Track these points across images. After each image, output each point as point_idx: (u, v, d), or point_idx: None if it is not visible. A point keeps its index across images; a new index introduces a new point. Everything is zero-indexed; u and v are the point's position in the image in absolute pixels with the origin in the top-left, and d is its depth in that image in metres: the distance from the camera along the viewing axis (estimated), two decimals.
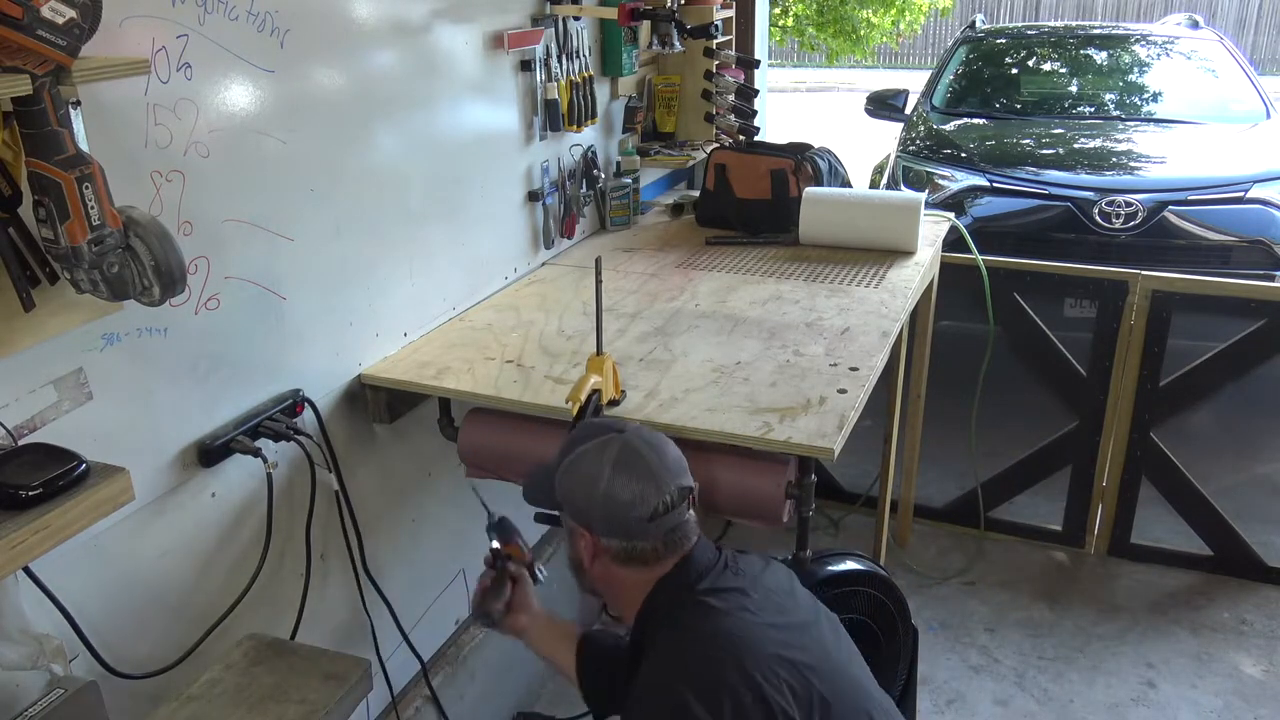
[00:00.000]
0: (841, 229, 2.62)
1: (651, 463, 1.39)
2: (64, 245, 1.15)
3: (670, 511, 1.39)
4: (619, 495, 1.37)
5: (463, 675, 2.30)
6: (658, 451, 1.42)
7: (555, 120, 2.38)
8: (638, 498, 1.37)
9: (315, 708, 1.37)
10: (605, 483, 1.38)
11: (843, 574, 1.94)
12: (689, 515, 1.43)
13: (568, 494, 1.44)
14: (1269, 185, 3.90)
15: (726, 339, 2.03)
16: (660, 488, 1.38)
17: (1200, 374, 2.99)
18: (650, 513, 1.37)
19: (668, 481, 1.39)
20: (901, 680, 2.10)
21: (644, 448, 1.41)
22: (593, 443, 1.42)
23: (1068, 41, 5.57)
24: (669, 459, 1.42)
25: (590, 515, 1.41)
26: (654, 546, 1.40)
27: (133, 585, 1.45)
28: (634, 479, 1.38)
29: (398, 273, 1.96)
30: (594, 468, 1.39)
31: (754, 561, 1.49)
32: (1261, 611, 2.98)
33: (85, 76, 1.13)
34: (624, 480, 1.38)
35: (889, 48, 12.80)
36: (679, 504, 1.40)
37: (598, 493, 1.39)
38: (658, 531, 1.39)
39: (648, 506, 1.37)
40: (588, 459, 1.41)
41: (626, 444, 1.40)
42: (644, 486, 1.38)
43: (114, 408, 1.37)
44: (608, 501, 1.38)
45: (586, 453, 1.42)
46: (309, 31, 1.63)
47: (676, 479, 1.41)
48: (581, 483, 1.41)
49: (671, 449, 1.44)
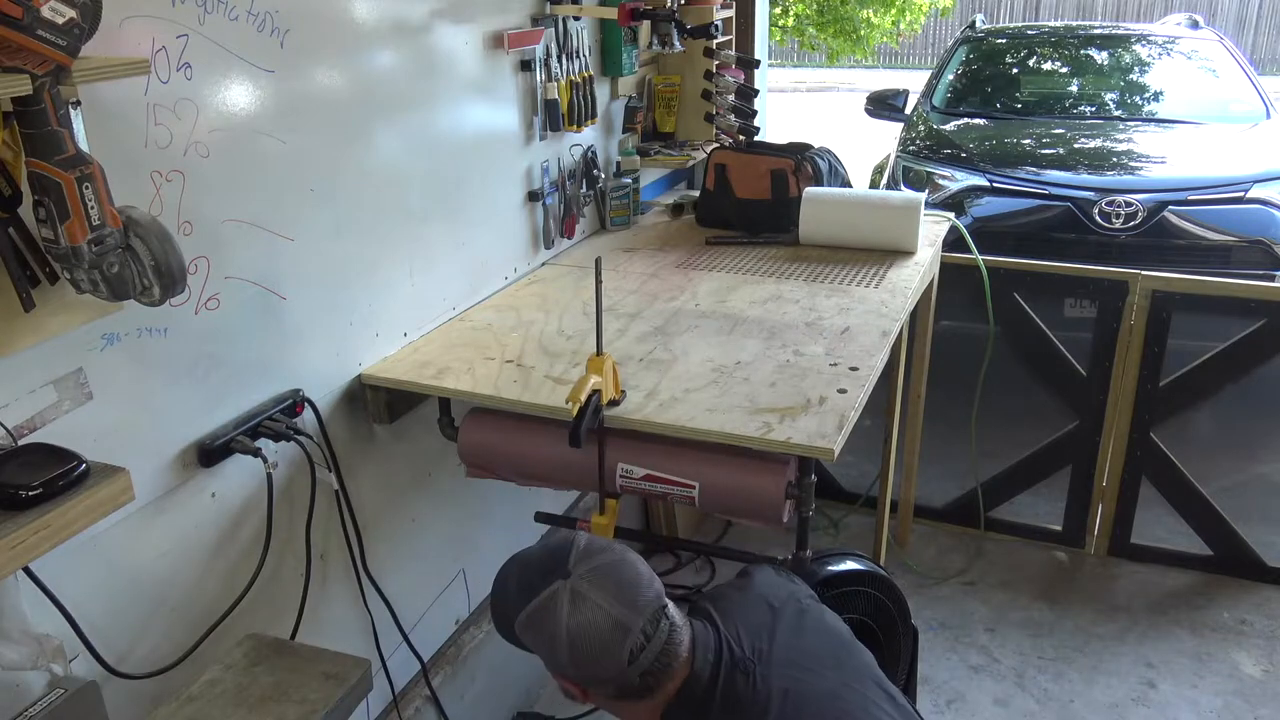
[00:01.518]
0: (841, 229, 2.62)
1: (609, 607, 1.25)
2: (64, 245, 1.15)
3: (648, 645, 1.26)
4: (586, 652, 1.25)
5: (463, 675, 2.30)
6: (614, 585, 1.27)
7: (555, 120, 2.38)
8: (606, 650, 1.24)
9: (315, 708, 1.37)
10: (567, 645, 1.25)
11: (843, 574, 1.94)
12: (673, 630, 1.29)
13: (534, 650, 1.32)
14: (1269, 185, 3.90)
15: (726, 339, 2.04)
16: (628, 630, 1.24)
17: (1200, 374, 2.99)
18: (627, 658, 1.24)
19: (634, 619, 1.25)
20: (901, 680, 2.10)
21: (595, 590, 1.26)
22: (540, 598, 1.27)
23: (1068, 41, 5.57)
24: (627, 588, 1.27)
25: (566, 670, 1.29)
26: (644, 681, 1.27)
27: (133, 585, 1.45)
28: (596, 632, 1.24)
29: (398, 273, 1.96)
30: (551, 628, 1.26)
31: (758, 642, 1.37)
32: (1261, 611, 2.98)
33: (85, 76, 1.13)
34: (586, 636, 1.24)
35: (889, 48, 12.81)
36: (655, 632, 1.26)
37: (563, 654, 1.26)
38: (642, 667, 1.26)
39: (621, 654, 1.24)
40: (541, 619, 1.27)
41: (575, 593, 1.25)
42: (610, 637, 1.24)
43: (114, 408, 1.37)
44: (576, 660, 1.26)
45: (538, 612, 1.28)
46: (309, 31, 1.63)
47: (644, 609, 1.26)
48: (545, 644, 1.29)
49: (628, 569, 1.29)
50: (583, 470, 1.82)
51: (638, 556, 1.33)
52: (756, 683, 1.31)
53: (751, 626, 1.40)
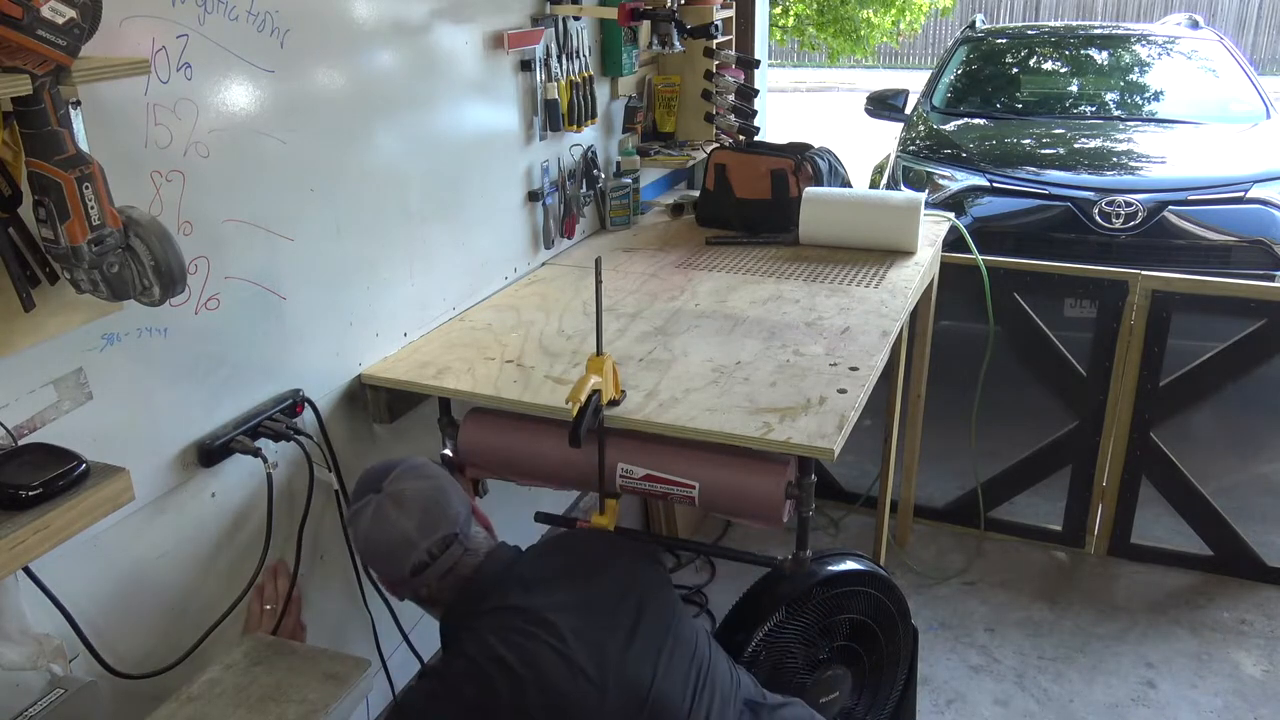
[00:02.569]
0: (841, 229, 2.62)
1: (401, 524, 1.48)
2: (64, 245, 1.15)
3: (432, 564, 1.49)
4: (378, 558, 1.52)
5: None
6: (417, 509, 1.50)
7: (555, 120, 2.38)
8: (392, 561, 1.49)
9: (315, 708, 1.37)
10: (363, 548, 1.53)
11: (843, 574, 1.94)
12: (461, 555, 1.51)
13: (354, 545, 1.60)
14: (1269, 185, 3.90)
15: (726, 339, 2.04)
16: (412, 547, 1.48)
17: (1200, 374, 2.99)
18: (410, 569, 1.48)
19: (420, 539, 1.48)
20: (901, 680, 2.10)
21: (398, 509, 1.49)
22: (356, 505, 1.54)
23: (1068, 41, 5.57)
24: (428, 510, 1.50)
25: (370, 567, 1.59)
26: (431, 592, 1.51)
27: (133, 585, 1.46)
28: (386, 543, 1.49)
29: (398, 273, 1.96)
30: (356, 531, 1.53)
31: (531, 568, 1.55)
32: (1261, 611, 2.98)
33: (85, 76, 1.13)
34: (377, 545, 1.50)
35: (889, 48, 12.81)
36: (441, 554, 1.49)
37: (364, 554, 1.55)
38: (428, 580, 1.50)
39: (405, 567, 1.49)
40: (354, 521, 1.53)
41: (379, 507, 1.50)
42: (397, 550, 1.49)
43: (114, 408, 1.37)
44: (372, 562, 1.55)
45: (353, 516, 1.54)
46: (309, 31, 1.63)
47: (435, 531, 1.49)
48: (356, 542, 1.55)
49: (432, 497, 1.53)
50: (583, 470, 1.82)
51: (454, 487, 1.56)
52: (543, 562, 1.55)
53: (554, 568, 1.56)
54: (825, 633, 1.93)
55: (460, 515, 1.53)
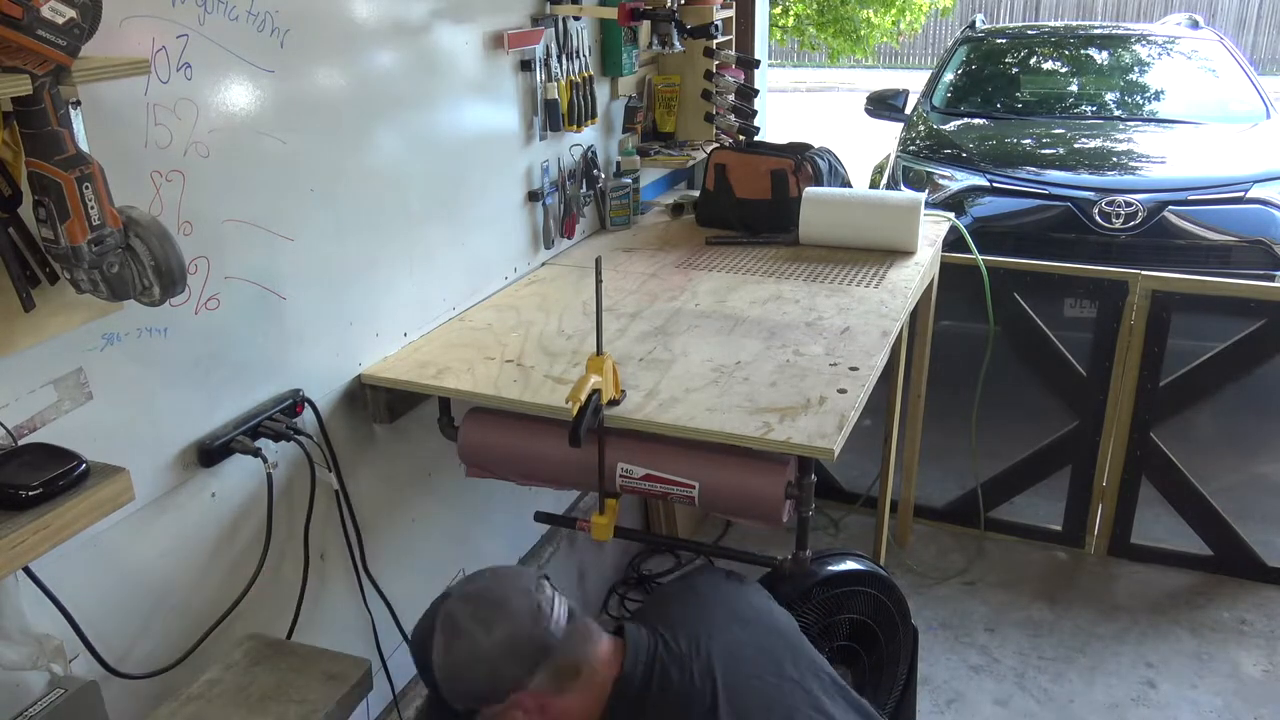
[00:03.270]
0: (841, 229, 2.62)
1: (492, 590, 1.33)
2: (64, 245, 1.15)
3: (551, 608, 1.31)
4: (503, 632, 1.29)
5: None
6: (489, 576, 1.37)
7: (555, 120, 2.38)
8: (518, 617, 1.29)
9: (315, 708, 1.37)
10: (484, 636, 1.28)
11: (843, 574, 1.94)
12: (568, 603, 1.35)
13: (468, 688, 1.31)
14: (1269, 185, 3.91)
15: (726, 339, 2.04)
16: (525, 595, 1.32)
17: (1200, 374, 2.99)
18: (534, 619, 1.29)
19: (525, 586, 1.33)
20: (901, 680, 2.10)
21: (475, 590, 1.34)
22: (438, 633, 1.31)
23: (1068, 41, 5.57)
24: (502, 575, 1.37)
25: (500, 674, 1.29)
26: (571, 648, 1.31)
27: (133, 585, 1.45)
28: (499, 610, 1.30)
29: (398, 273, 1.96)
30: (463, 641, 1.29)
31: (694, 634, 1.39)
32: (1261, 611, 2.98)
33: (85, 76, 1.13)
34: (494, 619, 1.29)
35: (889, 48, 12.82)
36: (553, 597, 1.34)
37: (484, 653, 1.28)
38: (559, 633, 1.30)
39: (527, 619, 1.29)
40: (442, 642, 1.30)
41: (463, 598, 1.33)
42: (512, 607, 1.30)
43: (114, 408, 1.37)
44: (501, 646, 1.28)
45: (443, 643, 1.30)
46: (309, 31, 1.63)
47: (525, 583, 1.34)
48: (467, 662, 1.30)
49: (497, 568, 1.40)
50: (582, 470, 1.82)
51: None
52: (694, 677, 1.32)
53: (690, 625, 1.41)
54: (825, 633, 1.93)
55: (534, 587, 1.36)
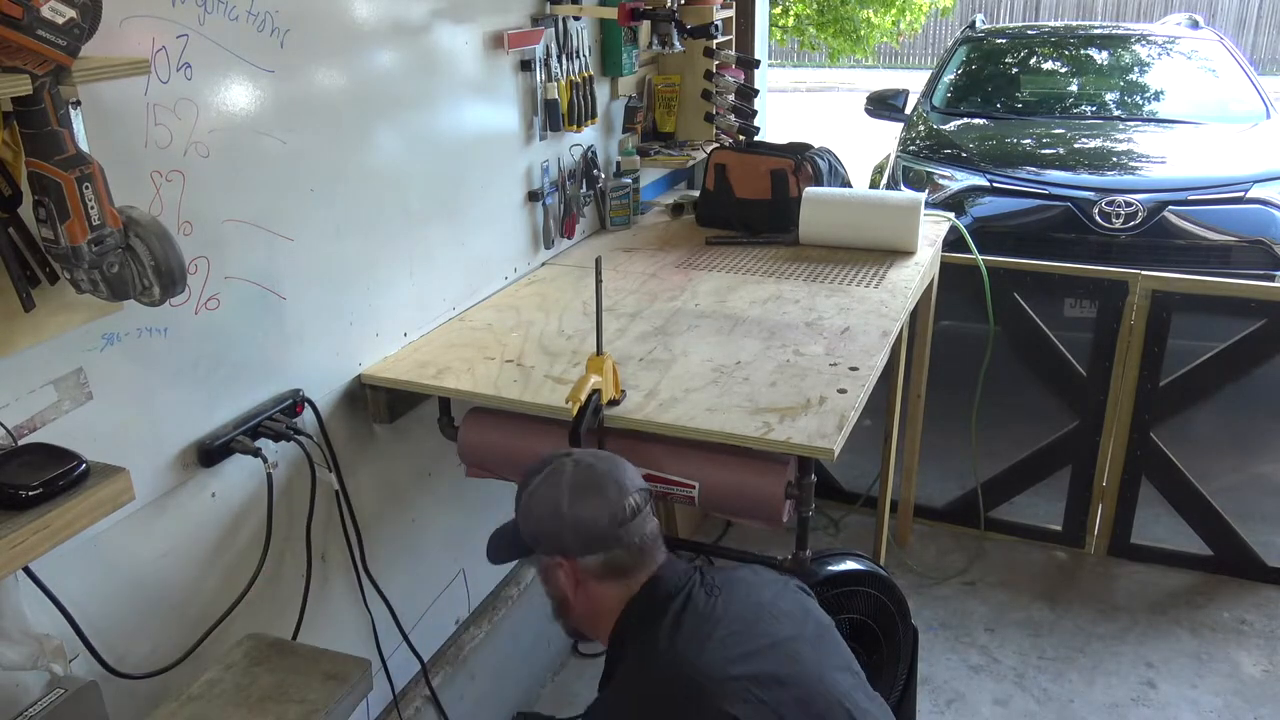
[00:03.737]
0: (841, 229, 2.62)
1: (606, 473, 1.43)
2: (64, 245, 1.15)
3: (637, 515, 1.41)
4: (584, 511, 1.40)
5: (462, 675, 2.30)
6: (609, 462, 1.45)
7: (555, 120, 2.38)
8: (603, 507, 1.40)
9: (315, 708, 1.37)
10: (568, 503, 1.41)
11: (843, 574, 1.94)
12: (654, 523, 1.45)
13: (535, 530, 1.45)
14: (1269, 185, 3.90)
15: (726, 339, 2.04)
16: (622, 492, 1.41)
17: (1200, 374, 2.99)
18: (619, 517, 1.39)
19: (627, 487, 1.42)
20: (901, 680, 2.10)
21: (595, 462, 1.45)
22: (543, 474, 1.45)
23: (1068, 41, 5.57)
24: (621, 467, 1.46)
25: (563, 539, 1.42)
26: (629, 554, 1.41)
27: (133, 585, 1.45)
28: (594, 492, 1.41)
29: (398, 273, 1.96)
30: (553, 493, 1.42)
31: (731, 579, 1.46)
32: (1261, 611, 2.98)
33: (85, 76, 1.13)
34: (585, 495, 1.41)
35: (889, 48, 12.82)
36: (643, 507, 1.43)
37: (564, 515, 1.41)
38: (629, 538, 1.40)
39: (615, 512, 1.40)
40: (544, 489, 1.43)
41: (577, 463, 1.44)
42: (605, 496, 1.41)
43: (114, 408, 1.37)
44: (576, 520, 1.40)
45: (541, 484, 1.44)
46: (309, 31, 1.63)
47: (635, 483, 1.44)
48: (546, 513, 1.43)
49: (621, 461, 1.48)
50: None
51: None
52: (717, 605, 1.39)
53: (730, 579, 1.47)
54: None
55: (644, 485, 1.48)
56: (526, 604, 2.55)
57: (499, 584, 2.51)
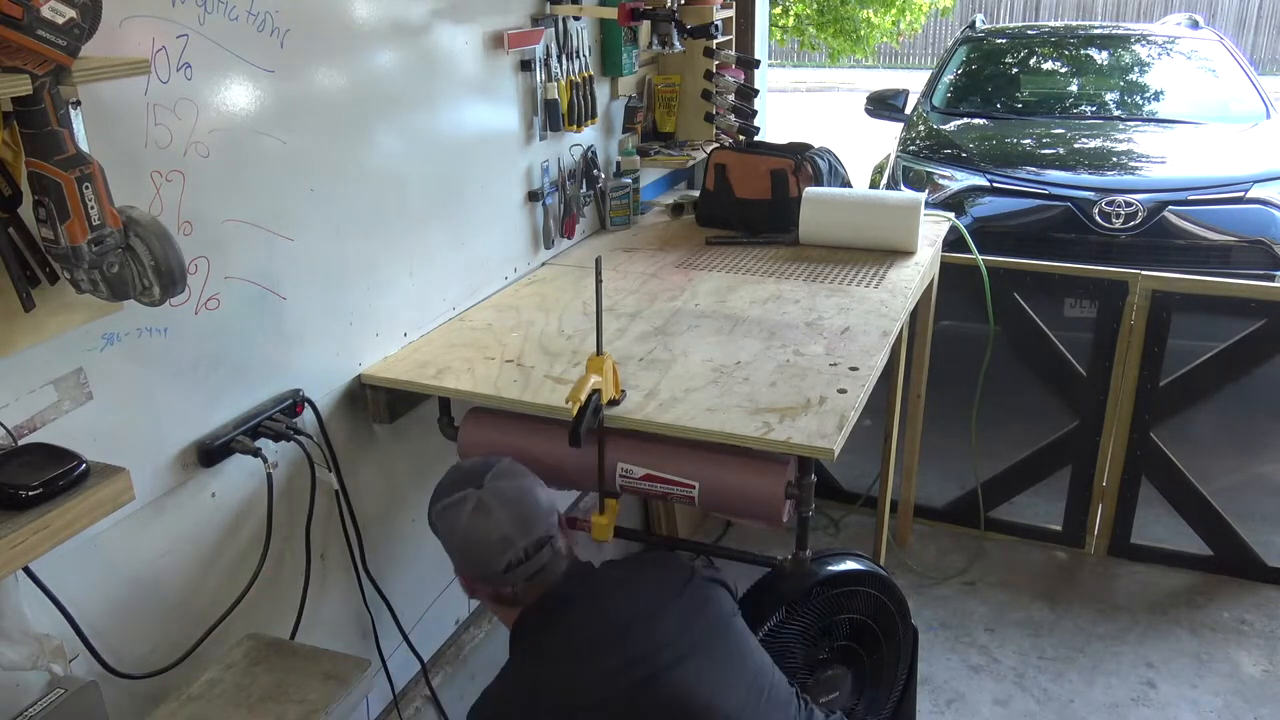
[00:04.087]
0: (841, 229, 2.62)
1: (501, 521, 1.47)
2: (64, 245, 1.15)
3: (526, 562, 1.47)
4: (473, 554, 1.49)
5: (463, 675, 2.30)
6: (515, 505, 1.49)
7: (555, 120, 2.38)
8: (489, 557, 1.46)
9: (315, 708, 1.37)
10: (461, 542, 1.50)
11: (843, 574, 1.94)
12: (551, 559, 1.50)
13: (442, 541, 1.55)
14: (1269, 185, 3.90)
15: (726, 339, 2.04)
16: (510, 545, 1.46)
17: (1200, 374, 2.99)
18: (504, 566, 1.46)
19: (519, 538, 1.46)
20: (901, 680, 2.10)
21: (500, 505, 1.48)
22: (445, 503, 1.51)
23: (1068, 41, 5.57)
24: (525, 510, 1.49)
25: (457, 564, 1.54)
26: (514, 592, 1.49)
27: (133, 585, 1.46)
28: (482, 540, 1.47)
29: (398, 273, 1.96)
30: (453, 522, 1.49)
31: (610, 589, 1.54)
32: (1261, 611, 2.98)
33: (85, 76, 1.13)
34: (476, 541, 1.47)
35: (889, 48, 12.81)
36: (535, 554, 1.47)
37: (458, 548, 1.51)
38: (515, 580, 1.47)
39: (499, 563, 1.46)
40: (448, 517, 1.50)
41: (480, 503, 1.48)
42: (495, 547, 1.46)
43: (114, 408, 1.37)
44: (466, 555, 1.50)
45: (449, 506, 1.50)
46: (309, 31, 1.63)
47: (530, 533, 1.47)
48: (445, 537, 1.52)
49: (530, 497, 1.51)
50: (582, 470, 1.82)
51: (546, 490, 1.55)
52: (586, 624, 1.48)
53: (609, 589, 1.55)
54: (825, 633, 1.93)
55: (554, 520, 1.53)
56: None
57: None
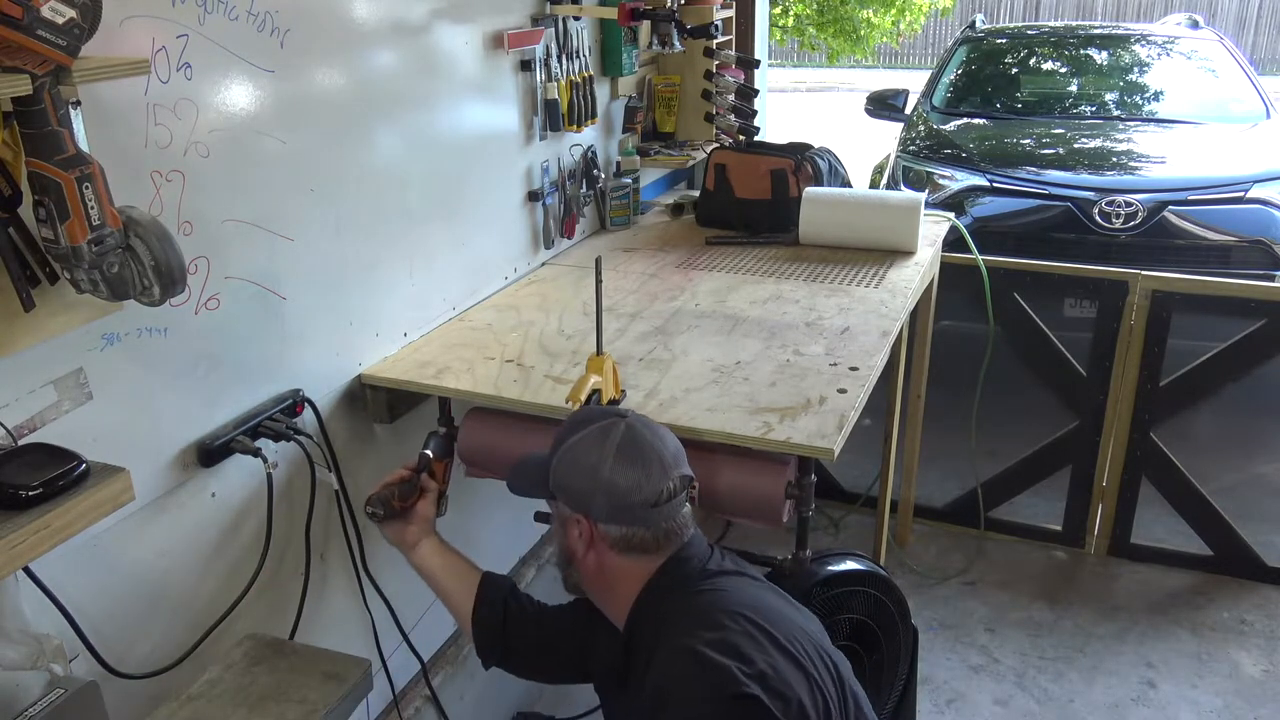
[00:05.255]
0: (841, 229, 2.62)
1: (655, 449, 1.38)
2: (64, 245, 1.15)
3: (672, 499, 1.38)
4: (621, 481, 1.36)
5: (462, 675, 2.30)
6: (660, 439, 1.41)
7: (555, 120, 2.38)
8: (641, 483, 1.36)
9: (315, 708, 1.37)
10: (608, 468, 1.36)
11: (843, 574, 1.94)
12: (688, 507, 1.42)
13: (565, 480, 1.41)
14: (1269, 185, 3.90)
15: (726, 339, 2.03)
16: (664, 473, 1.37)
17: (1200, 374, 2.99)
18: (653, 499, 1.36)
19: (670, 469, 1.38)
20: (901, 680, 2.10)
21: (647, 434, 1.40)
22: (594, 427, 1.40)
23: (1068, 41, 5.57)
24: (670, 448, 1.42)
25: (590, 501, 1.38)
26: (654, 535, 1.38)
27: (133, 585, 1.45)
28: (637, 465, 1.36)
29: (398, 273, 1.96)
30: (595, 453, 1.37)
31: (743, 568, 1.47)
32: (1261, 611, 2.98)
33: (85, 76, 1.13)
34: (627, 466, 1.36)
35: (889, 48, 12.81)
36: (679, 492, 1.39)
37: (600, 478, 1.36)
38: (658, 519, 1.37)
39: (651, 492, 1.36)
40: (588, 444, 1.39)
41: (630, 429, 1.39)
42: (647, 472, 1.36)
43: (114, 408, 1.37)
44: (610, 487, 1.36)
45: (587, 438, 1.40)
46: (309, 31, 1.63)
47: (678, 467, 1.40)
48: (582, 468, 1.39)
49: (672, 439, 1.44)
50: None
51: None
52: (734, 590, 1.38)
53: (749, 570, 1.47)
54: (825, 633, 1.92)
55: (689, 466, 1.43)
56: None
57: None
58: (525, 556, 2.62)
